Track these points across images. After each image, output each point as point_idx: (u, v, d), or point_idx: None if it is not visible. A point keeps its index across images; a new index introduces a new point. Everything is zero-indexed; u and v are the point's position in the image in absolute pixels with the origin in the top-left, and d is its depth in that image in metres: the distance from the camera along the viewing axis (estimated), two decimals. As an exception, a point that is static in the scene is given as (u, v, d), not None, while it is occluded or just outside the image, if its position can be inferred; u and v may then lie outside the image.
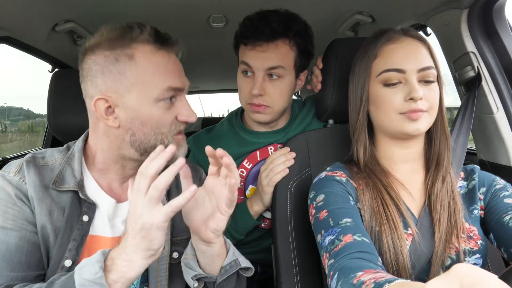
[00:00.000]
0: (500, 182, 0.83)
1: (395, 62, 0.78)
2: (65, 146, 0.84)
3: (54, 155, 0.81)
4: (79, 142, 0.82)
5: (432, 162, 0.83)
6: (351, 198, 0.79)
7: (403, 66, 0.77)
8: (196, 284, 0.74)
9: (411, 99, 0.76)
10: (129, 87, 0.73)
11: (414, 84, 0.76)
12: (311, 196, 0.84)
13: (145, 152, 0.78)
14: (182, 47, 0.82)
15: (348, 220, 0.73)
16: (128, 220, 0.64)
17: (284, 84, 1.10)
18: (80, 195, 0.75)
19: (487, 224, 0.80)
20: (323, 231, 0.75)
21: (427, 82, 0.78)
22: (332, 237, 0.71)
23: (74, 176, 0.77)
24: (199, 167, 0.97)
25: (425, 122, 0.78)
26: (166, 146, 0.76)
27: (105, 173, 0.82)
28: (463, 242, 0.75)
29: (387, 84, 0.79)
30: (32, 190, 0.73)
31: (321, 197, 0.80)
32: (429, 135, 0.84)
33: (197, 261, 0.77)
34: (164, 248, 0.80)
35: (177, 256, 0.85)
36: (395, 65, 0.78)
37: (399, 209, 0.78)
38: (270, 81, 1.08)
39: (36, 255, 0.72)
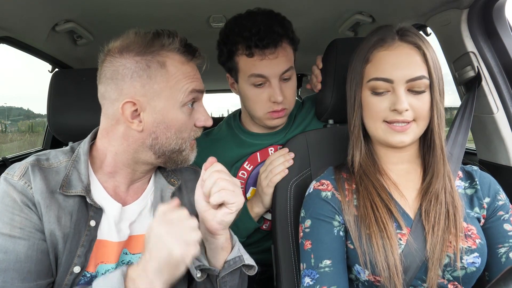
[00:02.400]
0: (501, 197, 0.83)
1: (384, 71, 0.77)
2: (68, 147, 0.83)
3: (58, 157, 0.79)
4: (84, 145, 0.81)
5: (428, 169, 0.82)
6: (335, 223, 0.81)
7: (392, 76, 0.76)
8: (199, 275, 0.75)
9: (395, 110, 0.76)
10: (158, 91, 0.75)
11: (400, 95, 0.75)
12: (302, 215, 0.87)
13: (162, 155, 0.79)
14: (206, 61, 0.84)
15: (328, 262, 0.77)
16: (151, 246, 0.64)
17: (294, 82, 1.10)
18: (88, 200, 0.74)
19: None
20: (305, 264, 0.81)
21: (416, 92, 0.77)
22: (311, 283, 0.78)
23: (81, 180, 0.76)
24: (199, 169, 0.98)
25: (411, 134, 0.78)
26: (182, 151, 0.81)
27: (113, 176, 0.81)
28: (461, 240, 0.75)
29: (375, 92, 0.79)
30: (39, 196, 0.71)
31: (308, 222, 0.84)
32: (425, 139, 0.84)
33: (205, 252, 0.77)
34: None
35: None
36: (383, 74, 0.77)
37: (390, 210, 0.78)
38: (283, 84, 1.07)
39: (45, 263, 0.71)
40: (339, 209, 0.82)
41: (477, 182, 0.83)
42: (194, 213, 0.91)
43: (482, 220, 0.81)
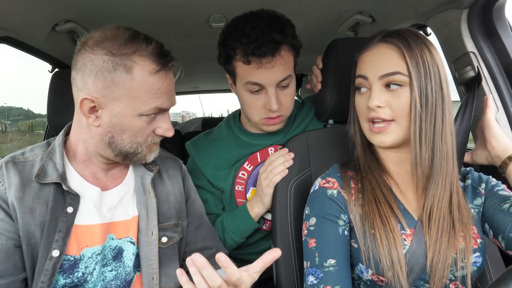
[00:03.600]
0: (493, 179, 0.85)
1: (362, 69, 0.81)
2: (44, 142, 0.86)
3: (34, 151, 0.82)
4: (59, 137, 0.84)
5: (418, 175, 0.79)
6: (340, 222, 0.81)
7: (366, 73, 0.79)
8: None
9: (369, 107, 0.78)
10: (118, 96, 0.75)
11: (373, 92, 0.77)
12: (306, 212, 0.86)
13: (119, 153, 0.81)
14: (181, 68, 0.84)
15: (332, 262, 0.77)
16: None
17: (292, 89, 1.09)
18: (63, 186, 0.77)
19: (482, 216, 0.81)
20: (309, 263, 0.80)
21: (392, 88, 0.76)
22: (315, 282, 0.77)
23: (56, 169, 0.78)
24: (179, 160, 1.02)
25: (391, 135, 0.78)
26: (138, 153, 0.81)
27: (88, 165, 0.84)
28: (463, 240, 0.75)
29: (358, 90, 0.83)
30: (13, 191, 0.73)
31: (313, 220, 0.83)
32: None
33: None
34: (152, 233, 0.85)
35: (166, 240, 0.89)
36: (361, 71, 0.81)
37: (391, 206, 0.78)
38: (281, 91, 1.06)
39: (11, 261, 0.71)
40: (345, 207, 0.82)
41: (470, 174, 0.86)
42: (177, 200, 0.93)
43: (482, 207, 0.82)
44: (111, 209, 0.83)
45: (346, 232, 0.81)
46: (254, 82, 1.02)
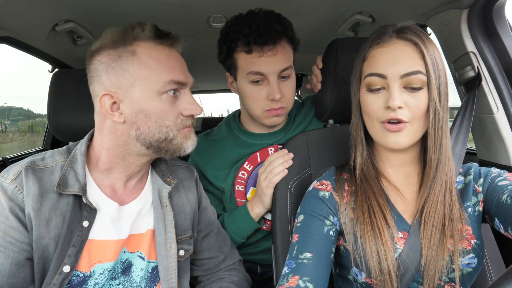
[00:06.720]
0: (495, 171, 0.81)
1: (378, 67, 0.76)
2: (65, 147, 0.83)
3: (54, 157, 0.79)
4: (81, 146, 0.81)
5: (425, 174, 0.79)
6: (327, 222, 0.80)
7: (385, 71, 0.74)
8: None
9: (388, 107, 0.74)
10: (132, 81, 0.75)
11: (393, 91, 0.73)
12: (298, 211, 0.86)
13: (150, 146, 0.79)
14: (181, 44, 0.84)
15: (308, 255, 0.75)
16: None
17: (292, 81, 1.10)
18: (84, 200, 0.75)
19: (489, 212, 0.77)
20: (288, 256, 0.79)
21: (413, 89, 0.74)
22: (286, 271, 0.75)
23: (78, 180, 0.76)
24: (192, 167, 1.00)
25: (407, 135, 0.75)
26: (171, 140, 0.79)
27: (109, 173, 0.81)
28: (453, 241, 0.74)
29: (371, 90, 0.77)
30: (30, 200, 0.71)
31: (301, 217, 0.83)
32: (425, 141, 0.81)
33: None
34: (171, 247, 0.84)
35: (183, 253, 0.88)
36: (377, 69, 0.75)
37: (386, 217, 0.77)
38: (282, 82, 1.07)
39: (20, 275, 0.70)
40: (335, 210, 0.81)
41: (472, 170, 0.83)
42: (193, 211, 0.93)
43: (482, 205, 0.79)
44: (128, 225, 0.81)
45: (331, 233, 0.79)
46: (256, 72, 1.03)
